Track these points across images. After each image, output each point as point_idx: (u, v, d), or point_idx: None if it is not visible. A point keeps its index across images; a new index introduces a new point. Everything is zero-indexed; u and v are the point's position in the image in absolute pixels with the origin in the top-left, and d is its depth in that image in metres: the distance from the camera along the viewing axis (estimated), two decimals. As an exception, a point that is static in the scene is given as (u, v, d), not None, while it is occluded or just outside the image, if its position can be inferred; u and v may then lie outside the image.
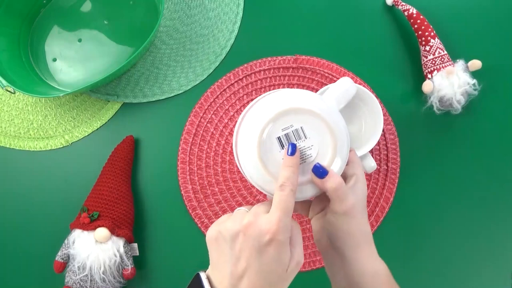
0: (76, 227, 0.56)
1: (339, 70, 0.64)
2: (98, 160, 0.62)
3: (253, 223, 0.33)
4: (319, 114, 0.38)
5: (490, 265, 0.61)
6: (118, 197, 0.58)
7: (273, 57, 0.65)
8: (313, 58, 0.65)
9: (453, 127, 0.64)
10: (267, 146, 0.38)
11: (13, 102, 0.66)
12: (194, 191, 0.62)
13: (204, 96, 0.64)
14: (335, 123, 0.38)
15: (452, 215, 0.62)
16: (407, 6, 0.63)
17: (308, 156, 0.38)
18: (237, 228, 0.34)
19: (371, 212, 0.61)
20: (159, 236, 0.62)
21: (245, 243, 0.33)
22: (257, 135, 0.37)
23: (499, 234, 0.62)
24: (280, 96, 0.39)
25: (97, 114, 0.65)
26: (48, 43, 0.66)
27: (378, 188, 0.62)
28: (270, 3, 0.67)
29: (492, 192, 0.63)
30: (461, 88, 0.59)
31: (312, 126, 0.38)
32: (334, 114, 0.39)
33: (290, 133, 0.38)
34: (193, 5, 0.68)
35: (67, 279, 0.55)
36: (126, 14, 0.66)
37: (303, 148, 0.38)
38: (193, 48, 0.67)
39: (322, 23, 0.67)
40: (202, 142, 0.63)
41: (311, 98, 0.39)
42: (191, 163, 0.63)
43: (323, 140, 0.38)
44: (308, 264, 0.61)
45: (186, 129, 0.63)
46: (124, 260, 0.56)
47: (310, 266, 0.61)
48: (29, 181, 0.63)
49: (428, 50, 0.61)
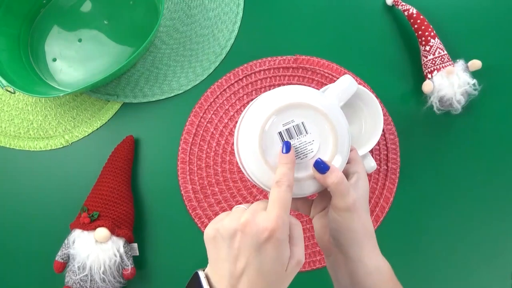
0: (76, 227, 0.56)
1: (339, 70, 0.64)
2: (98, 160, 0.62)
3: (251, 221, 0.33)
4: (320, 110, 0.38)
5: (490, 265, 0.61)
6: (118, 197, 0.58)
7: (273, 57, 0.65)
8: (313, 58, 0.65)
9: (453, 127, 0.64)
10: (268, 140, 0.37)
11: (13, 102, 0.66)
12: (194, 191, 0.62)
13: (204, 96, 0.64)
14: (336, 119, 0.38)
15: (452, 215, 0.62)
16: (407, 6, 0.63)
17: (309, 151, 0.38)
18: (235, 226, 0.33)
19: (371, 212, 0.61)
20: (159, 236, 0.62)
21: (243, 241, 0.33)
22: (259, 128, 0.37)
23: (499, 234, 0.62)
24: (282, 91, 0.39)
25: (97, 114, 0.65)
26: (48, 43, 0.66)
27: (378, 188, 0.62)
28: (270, 3, 0.67)
29: (492, 192, 0.63)
30: (461, 88, 0.59)
31: (313, 122, 0.38)
32: (336, 110, 0.39)
33: (291, 128, 0.38)
34: (193, 5, 0.68)
35: (67, 279, 0.55)
36: (126, 14, 0.66)
37: (304, 143, 0.38)
38: (193, 48, 0.67)
39: (322, 23, 0.67)
40: (202, 142, 0.63)
41: (313, 94, 0.39)
42: (191, 163, 0.63)
43: (324, 136, 0.38)
44: (308, 264, 0.61)
45: (186, 129, 0.63)
46: (124, 260, 0.56)
47: (310, 266, 0.61)
48: (29, 181, 0.63)
49: (428, 50, 0.61)
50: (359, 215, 0.38)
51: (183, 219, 0.62)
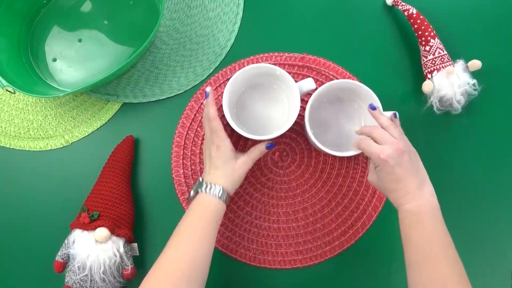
0: (76, 227, 0.56)
1: (344, 73, 0.64)
2: (98, 160, 0.62)
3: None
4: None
5: (490, 265, 0.61)
6: (118, 197, 0.58)
7: (280, 52, 0.65)
8: (319, 58, 0.65)
9: (453, 127, 0.64)
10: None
11: (13, 102, 0.66)
12: (185, 176, 0.62)
13: (206, 84, 0.65)
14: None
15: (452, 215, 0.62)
16: (407, 6, 0.63)
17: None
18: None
19: (358, 219, 0.61)
20: (159, 236, 0.62)
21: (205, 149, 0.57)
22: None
23: (499, 234, 0.62)
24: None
25: (97, 114, 0.65)
26: (48, 43, 0.66)
27: (368, 195, 0.62)
28: (270, 4, 0.68)
29: (492, 192, 0.63)
30: (461, 88, 0.59)
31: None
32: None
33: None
34: (193, 5, 0.68)
35: (67, 279, 0.55)
36: (126, 14, 0.66)
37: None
38: (193, 48, 0.67)
39: (322, 23, 0.67)
40: (200, 128, 0.63)
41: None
42: (186, 147, 0.63)
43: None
44: (289, 262, 0.61)
45: (184, 114, 0.64)
46: (124, 260, 0.56)
47: (291, 265, 0.61)
48: (29, 181, 0.63)
49: (428, 50, 0.61)
50: (402, 165, 0.48)
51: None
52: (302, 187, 0.62)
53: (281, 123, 0.60)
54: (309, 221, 0.62)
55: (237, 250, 0.61)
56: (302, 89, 0.56)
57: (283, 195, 0.62)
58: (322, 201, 0.62)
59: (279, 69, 0.56)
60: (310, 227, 0.62)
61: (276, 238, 0.61)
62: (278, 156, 0.63)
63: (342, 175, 0.63)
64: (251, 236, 0.61)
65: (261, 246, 0.61)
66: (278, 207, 0.62)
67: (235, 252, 0.61)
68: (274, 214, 0.62)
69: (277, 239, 0.61)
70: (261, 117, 0.61)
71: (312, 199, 0.62)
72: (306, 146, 0.63)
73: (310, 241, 0.61)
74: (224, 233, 0.61)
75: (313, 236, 0.61)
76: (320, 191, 0.62)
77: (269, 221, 0.62)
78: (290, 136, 0.63)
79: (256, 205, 0.62)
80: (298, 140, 0.63)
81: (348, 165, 0.63)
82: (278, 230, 0.62)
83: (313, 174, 0.63)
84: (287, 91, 0.59)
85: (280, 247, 0.61)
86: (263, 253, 0.61)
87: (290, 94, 0.59)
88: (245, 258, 0.61)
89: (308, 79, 0.57)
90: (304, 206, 0.62)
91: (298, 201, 0.62)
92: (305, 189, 0.62)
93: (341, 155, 0.55)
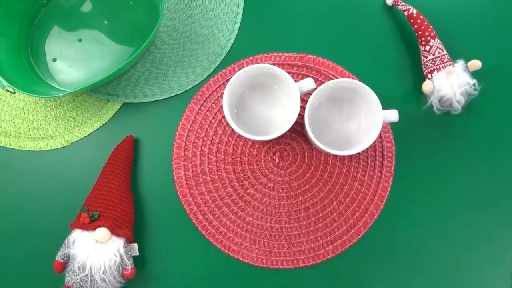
0: (76, 227, 0.55)
1: (344, 72, 0.64)
2: (98, 160, 0.62)
3: None
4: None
5: (490, 265, 0.61)
6: (118, 197, 0.58)
7: (279, 52, 0.65)
8: (319, 58, 0.65)
9: (453, 127, 0.64)
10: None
11: (13, 102, 0.66)
12: (186, 178, 0.62)
13: (206, 85, 0.64)
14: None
15: (451, 215, 0.62)
16: (407, 6, 0.63)
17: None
18: None
19: (360, 217, 0.61)
20: (159, 236, 0.62)
21: None
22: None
23: (499, 235, 0.62)
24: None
25: (97, 114, 0.65)
26: (48, 43, 0.66)
27: (370, 194, 0.62)
28: (270, 4, 0.68)
29: (492, 193, 0.63)
30: (461, 88, 0.59)
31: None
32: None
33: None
34: (193, 5, 0.68)
35: (67, 279, 0.55)
36: (126, 14, 0.66)
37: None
38: (193, 48, 0.67)
39: (322, 24, 0.67)
40: (200, 129, 0.63)
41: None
42: (187, 149, 0.63)
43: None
44: (291, 262, 0.61)
45: (185, 115, 0.63)
46: (124, 260, 0.56)
47: (294, 264, 0.61)
48: (29, 181, 0.63)
49: (428, 50, 0.61)
50: None
51: (184, 219, 0.62)
52: (303, 187, 0.62)
53: (282, 123, 0.60)
54: (311, 220, 0.62)
55: (239, 251, 0.61)
56: (302, 89, 0.57)
57: (285, 195, 0.62)
58: (323, 201, 0.62)
59: (279, 69, 0.56)
60: (312, 226, 0.62)
61: (278, 238, 0.61)
62: (279, 157, 0.63)
63: (343, 174, 0.63)
64: (253, 237, 0.61)
65: (264, 246, 0.61)
66: (279, 207, 0.62)
67: (237, 252, 0.61)
68: (276, 215, 0.62)
69: (279, 239, 0.61)
70: (262, 117, 0.61)
71: (313, 198, 0.62)
72: (307, 146, 0.63)
73: (312, 241, 0.61)
74: (226, 234, 0.61)
75: (315, 235, 0.62)
76: (321, 191, 0.62)
77: (271, 221, 0.62)
78: (291, 136, 0.63)
79: (257, 206, 0.62)
80: (298, 140, 0.63)
81: (349, 164, 0.63)
82: (280, 230, 0.62)
83: (314, 173, 0.63)
84: (287, 91, 0.59)
85: (283, 247, 0.61)
86: (266, 253, 0.61)
87: (290, 94, 0.59)
88: (247, 259, 0.61)
89: (307, 78, 0.57)
90: (305, 206, 0.62)
91: (299, 201, 0.62)
92: (307, 189, 0.62)
93: (342, 154, 0.55)
